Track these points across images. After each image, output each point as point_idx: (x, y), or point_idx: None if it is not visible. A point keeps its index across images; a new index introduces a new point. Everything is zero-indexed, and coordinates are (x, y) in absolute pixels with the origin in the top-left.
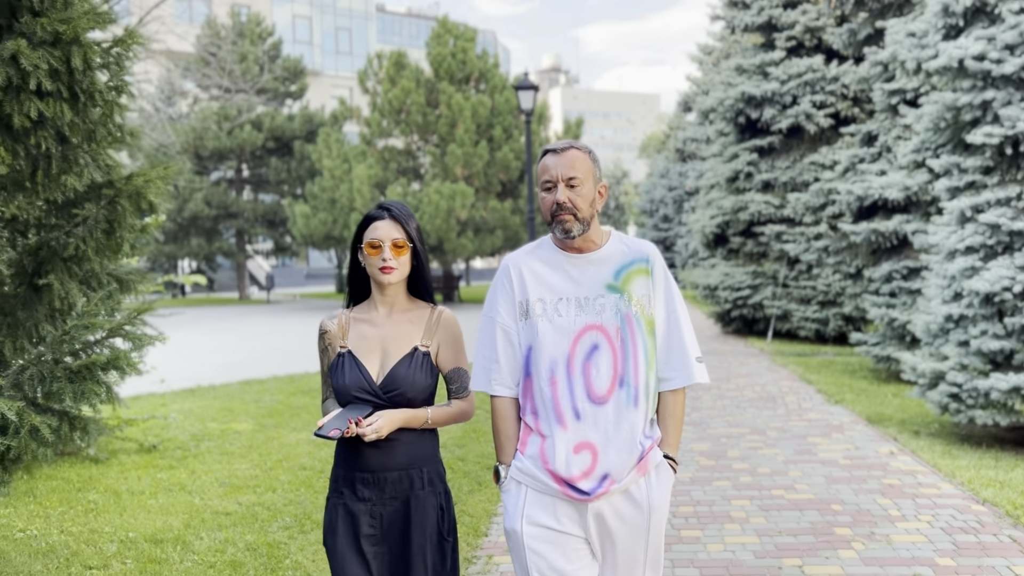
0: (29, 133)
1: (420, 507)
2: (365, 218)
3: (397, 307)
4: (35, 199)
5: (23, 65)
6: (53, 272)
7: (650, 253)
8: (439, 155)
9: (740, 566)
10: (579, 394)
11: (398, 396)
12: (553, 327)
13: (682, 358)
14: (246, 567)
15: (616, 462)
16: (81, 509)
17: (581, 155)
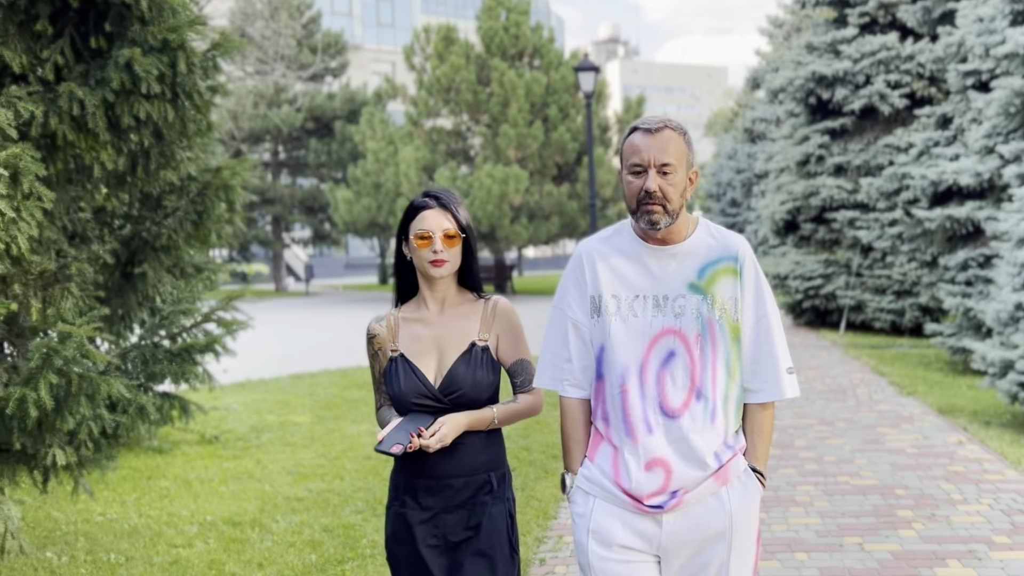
0: (131, 131)
1: (488, 516)
2: (411, 208)
3: (449, 302)
4: (134, 193)
5: (136, 71)
6: (146, 261)
7: (740, 249)
8: (491, 136)
9: (802, 543)
10: (651, 405)
11: (460, 398)
12: (627, 328)
13: (771, 370)
14: (325, 546)
15: (690, 477)
16: (155, 495)
17: (676, 137)
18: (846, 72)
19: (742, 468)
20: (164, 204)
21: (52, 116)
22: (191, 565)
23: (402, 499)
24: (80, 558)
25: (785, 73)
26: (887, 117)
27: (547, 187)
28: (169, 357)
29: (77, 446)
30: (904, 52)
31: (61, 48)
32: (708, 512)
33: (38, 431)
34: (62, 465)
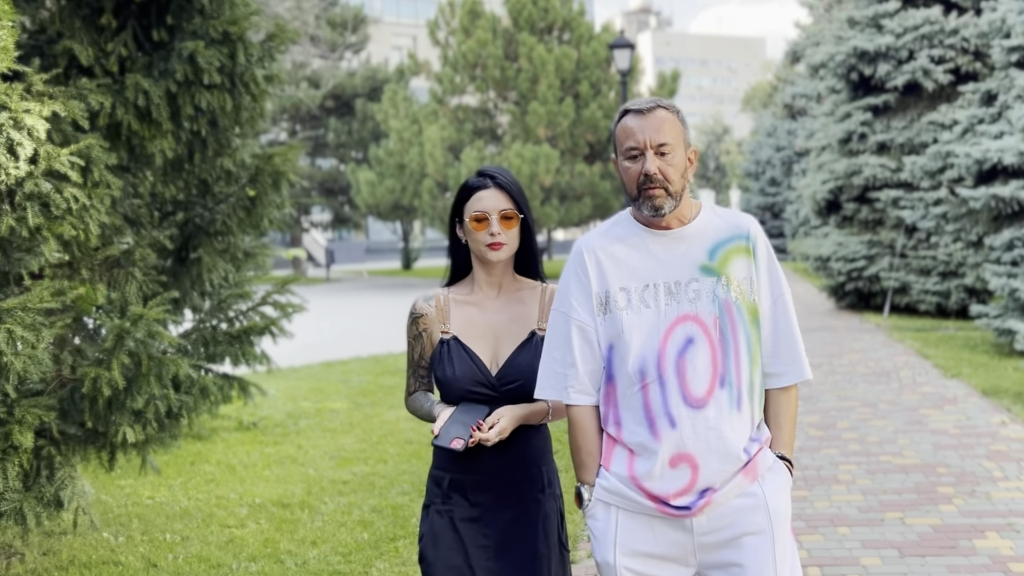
0: (191, 120)
1: (541, 512)
2: (465, 188)
3: (506, 287)
4: (191, 180)
5: (199, 62)
6: (201, 247)
7: (751, 227)
8: (519, 114)
9: (844, 519)
10: (673, 397)
11: (517, 389)
12: (640, 321)
13: (792, 351)
14: (375, 525)
15: (719, 473)
16: (200, 479)
17: (670, 116)
18: (888, 47)
19: (771, 460)
20: (216, 191)
21: (119, 107)
22: (246, 543)
23: (448, 495)
24: (136, 538)
25: (826, 48)
26: (931, 93)
27: (579, 167)
28: (228, 339)
29: (144, 425)
30: (948, 26)
31: (124, 41)
32: (743, 511)
33: (108, 410)
34: (131, 443)
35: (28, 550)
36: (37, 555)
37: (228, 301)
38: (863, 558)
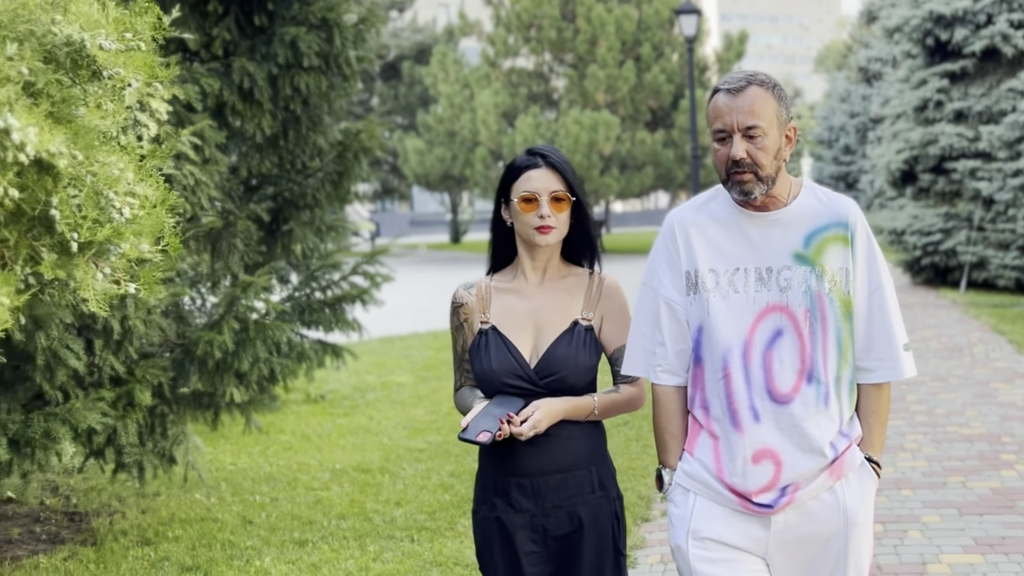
0: (288, 100)
1: (591, 517)
2: (513, 167)
3: (550, 274)
4: (285, 156)
5: (299, 46)
6: (292, 219)
7: (850, 214)
8: (577, 78)
9: (908, 482)
10: (758, 390)
11: (557, 382)
12: (728, 305)
13: (887, 346)
14: (455, 488)
15: (804, 470)
16: (278, 448)
17: (763, 94)
18: (966, 11)
19: (858, 461)
20: (306, 166)
21: (225, 89)
22: (333, 504)
23: (492, 501)
24: (227, 499)
25: (901, 11)
26: (1010, 59)
27: (640, 134)
28: (322, 307)
29: (247, 386)
30: None
31: (228, 26)
32: (821, 510)
33: (216, 372)
34: (236, 403)
35: (127, 509)
36: (137, 513)
37: (320, 271)
38: (924, 516)
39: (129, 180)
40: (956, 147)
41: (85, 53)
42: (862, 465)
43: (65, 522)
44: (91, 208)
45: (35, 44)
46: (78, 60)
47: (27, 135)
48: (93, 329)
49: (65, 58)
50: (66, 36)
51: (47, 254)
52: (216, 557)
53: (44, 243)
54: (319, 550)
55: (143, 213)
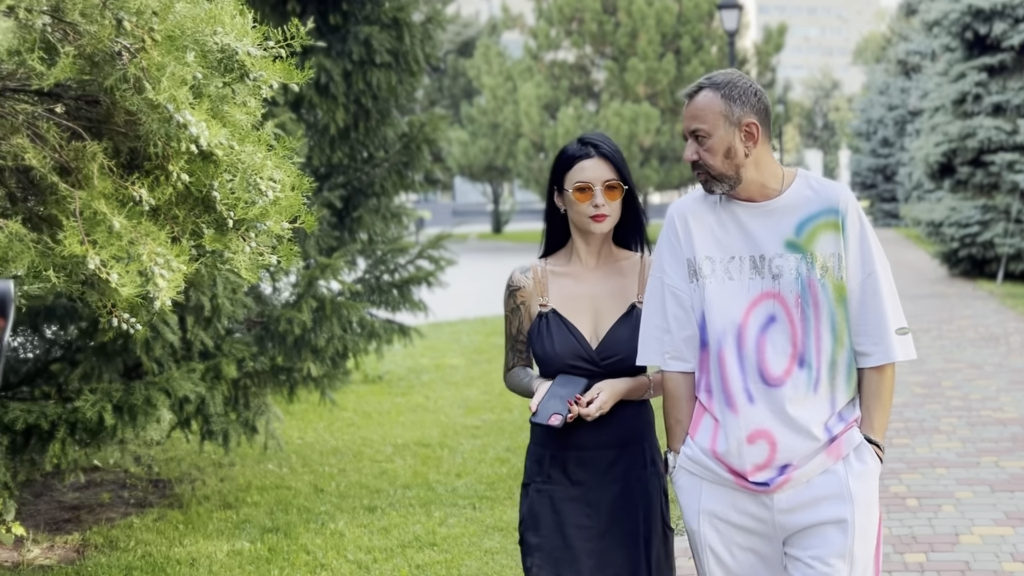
0: (360, 95)
1: (644, 491)
2: (566, 156)
3: (604, 258)
4: (356, 147)
5: (372, 44)
6: (361, 206)
7: (840, 200)
8: (617, 71)
9: (942, 461)
10: (751, 373)
11: (618, 364)
12: (723, 292)
13: (879, 330)
14: (511, 462)
15: (798, 450)
16: (341, 424)
17: (711, 96)
18: (1005, 5)
19: (857, 441)
20: (374, 156)
21: (304, 85)
22: (397, 475)
23: (547, 474)
24: (298, 469)
25: (940, 5)
26: None
27: (679, 127)
28: (391, 288)
29: (322, 361)
30: None
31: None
32: (822, 489)
33: (295, 348)
34: (312, 377)
35: (207, 477)
36: (216, 481)
37: (389, 255)
38: (957, 492)
39: (270, 167)
40: (994, 140)
41: (236, 59)
42: (862, 445)
43: (150, 488)
44: (243, 191)
45: (199, 52)
46: (228, 64)
47: (200, 129)
48: (186, 307)
49: (219, 63)
50: (223, 44)
51: (207, 230)
52: (293, 520)
53: (205, 220)
54: (388, 515)
55: (282, 195)
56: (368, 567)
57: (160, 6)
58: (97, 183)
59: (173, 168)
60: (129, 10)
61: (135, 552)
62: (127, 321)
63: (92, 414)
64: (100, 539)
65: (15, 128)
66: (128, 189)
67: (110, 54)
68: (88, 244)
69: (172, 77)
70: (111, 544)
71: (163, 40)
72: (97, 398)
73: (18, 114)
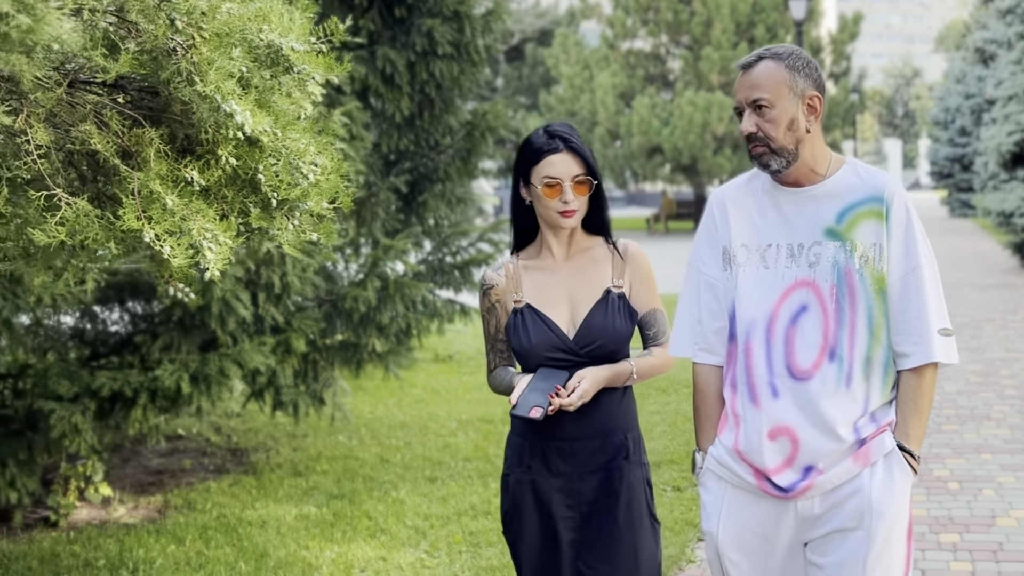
0: (424, 84)
1: (626, 482)
2: (532, 149)
3: (575, 247)
4: (420, 135)
5: (435, 36)
6: (426, 191)
7: (887, 188)
8: (692, 60)
9: (989, 448)
10: (778, 366)
11: (597, 350)
12: (756, 281)
13: (920, 329)
14: None
15: (821, 450)
16: (410, 400)
17: (773, 66)
18: None
19: (888, 448)
20: (439, 143)
21: (370, 74)
22: (459, 448)
23: (527, 464)
24: (367, 441)
25: None
26: None
27: None
28: (452, 269)
29: (387, 337)
30: None
31: (373, 17)
32: (845, 499)
33: (360, 325)
34: (377, 353)
35: (280, 447)
36: (289, 450)
37: (451, 238)
38: (999, 477)
39: (312, 152)
40: None
41: (281, 54)
42: (892, 453)
43: (229, 456)
44: (286, 174)
45: (246, 48)
46: (275, 59)
47: (245, 117)
48: (258, 284)
49: (266, 57)
50: (268, 41)
51: (254, 209)
52: (358, 488)
53: (251, 200)
54: (447, 486)
55: (323, 178)
56: (425, 532)
57: (208, 7)
58: (153, 165)
59: (222, 153)
60: (180, 10)
61: (211, 513)
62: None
63: (170, 383)
64: (180, 501)
65: (84, 116)
66: (181, 171)
67: (166, 50)
68: (144, 220)
69: (219, 71)
70: (189, 505)
71: (211, 37)
72: (175, 368)
73: (87, 103)
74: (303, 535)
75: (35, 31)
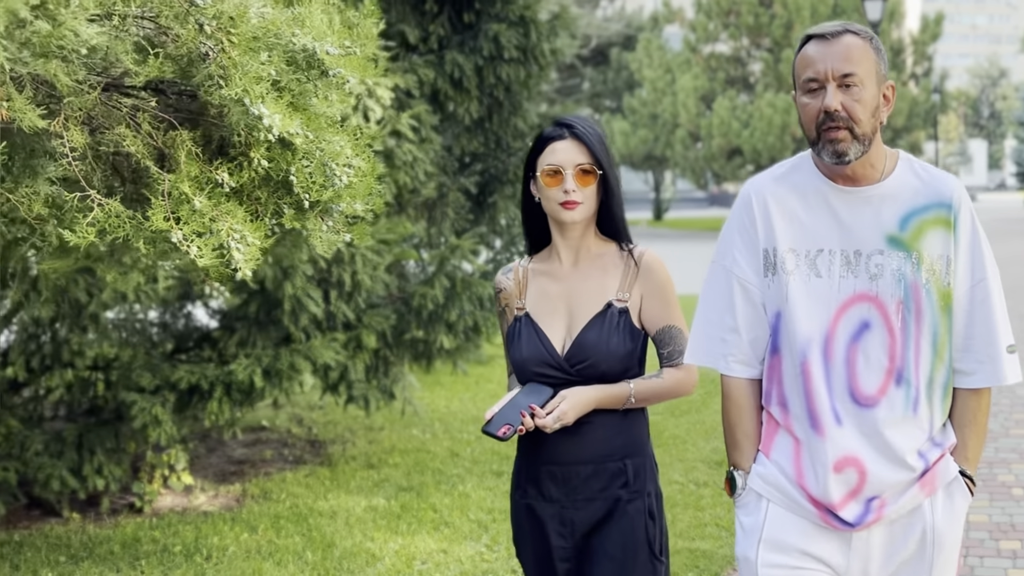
0: (492, 88)
1: (623, 514)
2: (539, 138)
3: (585, 252)
4: (490, 137)
5: (501, 41)
6: (496, 192)
7: (954, 193)
8: (772, 62)
9: None
10: (839, 390)
11: (589, 369)
12: (808, 291)
13: (988, 347)
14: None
15: (889, 480)
16: (485, 395)
17: (861, 43)
18: None
19: (952, 475)
20: (508, 145)
21: (439, 78)
22: None
23: (524, 488)
24: (439, 435)
25: None
26: None
27: None
28: None
29: (455, 335)
30: None
31: (442, 23)
32: (906, 530)
33: (430, 321)
34: (446, 348)
35: (357, 439)
36: (365, 443)
37: (519, 237)
38: None
39: (348, 155)
40: None
41: (316, 58)
42: (955, 480)
43: (307, 448)
44: (319, 175)
45: (281, 51)
46: (311, 62)
47: (274, 120)
48: (329, 282)
49: (302, 61)
50: (302, 45)
51: (287, 210)
52: (427, 481)
53: (285, 201)
54: None
55: (357, 180)
56: (487, 526)
57: (236, 12)
58: (184, 167)
59: (254, 155)
60: (208, 15)
61: (285, 503)
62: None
63: (244, 377)
64: (257, 490)
65: (119, 119)
66: (212, 173)
67: (200, 54)
68: (172, 220)
69: (247, 74)
70: (265, 495)
71: (240, 41)
72: (249, 362)
73: (123, 107)
74: (370, 526)
75: (55, 36)
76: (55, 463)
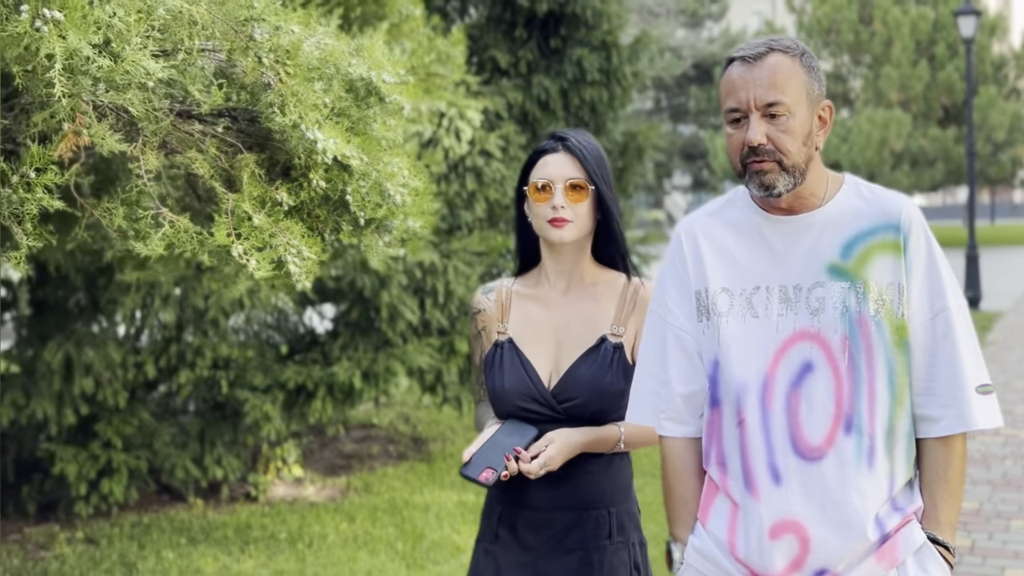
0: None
1: (606, 564)
2: (533, 153)
3: (577, 279)
4: None
5: (584, 65)
6: None
7: (903, 214)
8: (872, 78)
9: None
10: (779, 443)
11: (577, 408)
12: (744, 334)
13: (953, 388)
14: None
15: (838, 551)
16: None
17: (788, 63)
18: None
19: (918, 542)
20: None
21: (527, 100)
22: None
23: (495, 532)
24: None
25: None
26: None
27: (932, 131)
28: None
29: None
30: None
31: (531, 48)
32: None
33: None
34: None
35: (456, 437)
36: (463, 441)
37: None
38: None
39: (404, 175)
40: None
41: (373, 86)
42: (925, 547)
43: (411, 444)
44: (375, 195)
45: (340, 80)
46: (369, 90)
47: (328, 144)
48: (424, 291)
49: (361, 89)
50: (360, 74)
51: (345, 227)
52: None
53: (344, 219)
54: None
55: (411, 200)
56: None
57: (292, 45)
58: (247, 187)
59: (313, 176)
60: (264, 49)
61: (383, 496)
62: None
63: (345, 378)
64: (360, 483)
65: (191, 144)
66: (272, 192)
67: (263, 84)
68: (233, 236)
69: (302, 102)
70: (367, 488)
71: (297, 72)
72: (350, 365)
73: (194, 132)
74: (458, 520)
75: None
76: (180, 453)
